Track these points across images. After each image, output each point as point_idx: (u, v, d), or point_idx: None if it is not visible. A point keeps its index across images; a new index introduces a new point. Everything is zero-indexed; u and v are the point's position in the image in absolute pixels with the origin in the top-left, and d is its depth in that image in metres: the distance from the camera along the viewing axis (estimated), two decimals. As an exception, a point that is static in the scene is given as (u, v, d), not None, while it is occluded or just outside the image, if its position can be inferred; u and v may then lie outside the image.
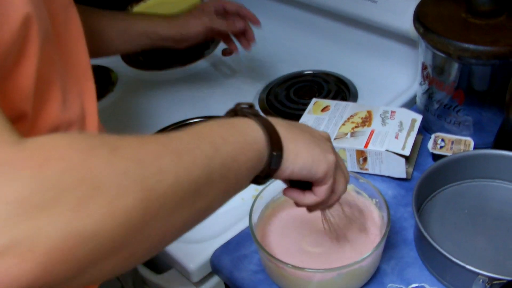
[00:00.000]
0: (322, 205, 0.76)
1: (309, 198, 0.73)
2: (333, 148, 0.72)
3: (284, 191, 0.76)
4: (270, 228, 0.91)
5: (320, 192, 0.72)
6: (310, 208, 0.78)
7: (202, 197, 0.53)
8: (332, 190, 0.73)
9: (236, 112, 0.68)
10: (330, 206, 0.79)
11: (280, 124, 0.66)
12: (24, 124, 0.64)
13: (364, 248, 0.85)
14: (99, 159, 0.43)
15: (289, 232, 0.90)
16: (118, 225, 0.43)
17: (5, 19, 0.56)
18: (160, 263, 1.00)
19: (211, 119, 0.63)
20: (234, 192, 0.60)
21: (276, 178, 0.67)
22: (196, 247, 0.93)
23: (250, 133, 0.62)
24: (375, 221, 0.89)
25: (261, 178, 0.65)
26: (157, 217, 0.47)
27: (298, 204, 0.77)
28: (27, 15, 0.58)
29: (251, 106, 0.69)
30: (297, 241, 0.89)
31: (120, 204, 0.43)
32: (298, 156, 0.66)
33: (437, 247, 0.80)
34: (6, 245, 0.37)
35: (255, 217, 0.88)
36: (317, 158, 0.68)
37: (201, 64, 1.45)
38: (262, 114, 0.67)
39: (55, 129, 0.68)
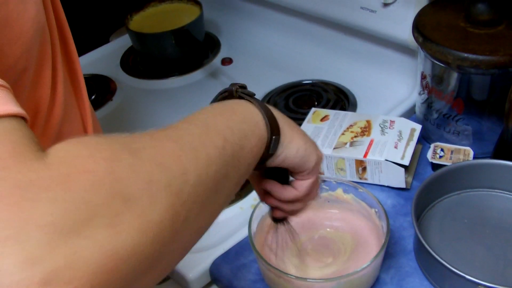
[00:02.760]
0: (295, 206, 0.73)
1: (289, 192, 0.71)
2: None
3: (263, 184, 0.72)
4: (270, 238, 0.91)
5: (302, 186, 0.70)
6: (277, 210, 0.75)
7: (221, 192, 0.52)
8: (312, 188, 0.71)
9: (232, 93, 0.66)
10: (298, 212, 0.76)
11: (274, 109, 0.65)
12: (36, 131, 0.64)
13: (363, 258, 0.85)
14: (124, 167, 0.41)
15: (289, 241, 0.90)
16: (151, 239, 0.40)
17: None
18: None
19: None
20: (243, 181, 0.59)
21: (269, 164, 0.65)
22: (195, 256, 0.93)
23: (251, 118, 0.60)
24: (375, 231, 0.89)
25: (257, 164, 0.62)
26: (185, 221, 0.45)
27: (268, 200, 0.74)
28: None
29: (244, 87, 0.67)
30: (296, 250, 0.89)
31: (152, 214, 0.41)
32: (293, 142, 0.65)
33: (437, 256, 0.80)
34: (47, 275, 0.34)
35: (254, 227, 0.88)
36: (310, 147, 0.67)
37: (200, 73, 1.45)
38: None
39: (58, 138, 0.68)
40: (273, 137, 0.62)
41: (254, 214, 0.88)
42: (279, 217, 0.78)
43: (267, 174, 0.72)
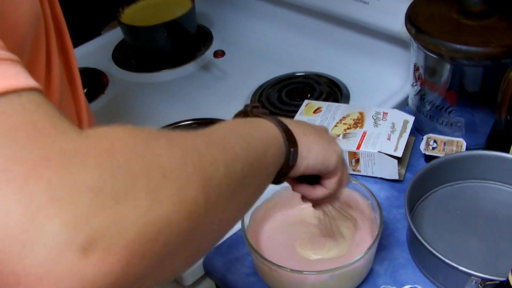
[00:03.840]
0: (329, 198, 0.77)
1: (319, 191, 0.74)
2: (335, 139, 0.73)
3: (294, 187, 0.76)
4: (263, 230, 0.91)
5: (331, 184, 0.73)
6: (317, 202, 0.79)
7: (245, 189, 0.54)
8: (340, 182, 0.74)
9: (247, 113, 0.69)
10: (336, 200, 0.80)
11: (288, 122, 0.67)
12: None
13: (357, 250, 0.85)
14: (161, 146, 0.43)
15: (282, 234, 0.90)
16: (186, 215, 0.41)
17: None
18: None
19: (205, 122, 0.63)
20: (264, 188, 0.61)
21: (292, 175, 0.67)
22: (188, 250, 0.93)
23: (270, 130, 0.63)
24: (368, 223, 0.88)
25: (279, 176, 0.65)
26: (216, 207, 0.46)
27: (305, 199, 0.78)
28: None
29: (257, 106, 0.70)
30: (290, 242, 0.89)
31: (188, 193, 0.42)
32: (311, 151, 0.67)
33: (430, 248, 0.80)
34: (91, 237, 0.35)
35: (247, 219, 0.88)
36: (328, 150, 0.69)
37: (192, 66, 1.45)
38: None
39: None
40: (291, 149, 0.64)
41: (247, 207, 0.88)
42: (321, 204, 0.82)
43: (298, 178, 0.75)
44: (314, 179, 0.74)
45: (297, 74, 1.35)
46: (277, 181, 0.66)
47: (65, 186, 0.35)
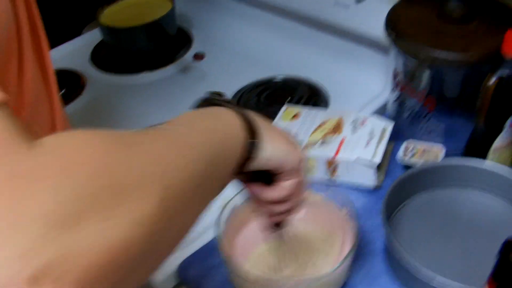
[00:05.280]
0: (283, 207, 0.73)
1: (277, 191, 0.70)
2: (299, 144, 0.71)
3: (248, 186, 0.72)
4: (239, 239, 0.89)
5: (286, 186, 0.69)
6: (270, 214, 0.75)
7: (207, 190, 0.53)
8: (297, 188, 0.70)
9: (209, 101, 0.66)
10: (289, 214, 0.75)
11: (253, 113, 0.65)
12: None
13: (333, 259, 0.84)
14: (118, 159, 0.40)
15: (258, 242, 0.89)
16: (144, 232, 0.40)
17: None
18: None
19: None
20: (226, 182, 0.60)
21: (251, 168, 0.64)
22: (162, 258, 0.91)
23: (230, 122, 0.61)
24: (345, 232, 0.87)
25: (238, 168, 0.62)
26: (175, 216, 0.45)
27: (258, 202, 0.73)
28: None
29: (220, 94, 0.69)
30: (266, 251, 0.87)
31: (145, 207, 0.40)
32: (274, 144, 0.65)
33: (407, 257, 0.79)
34: (40, 269, 0.33)
35: (222, 227, 0.86)
36: (291, 147, 0.67)
37: (172, 68, 1.43)
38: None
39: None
40: (252, 140, 0.62)
41: (222, 214, 0.87)
42: (276, 222, 0.77)
43: (252, 178, 0.71)
44: (269, 180, 0.70)
45: (277, 78, 1.33)
46: (240, 172, 0.63)
47: (14, 214, 0.33)
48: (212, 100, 0.66)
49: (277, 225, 0.78)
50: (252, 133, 0.62)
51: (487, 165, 0.94)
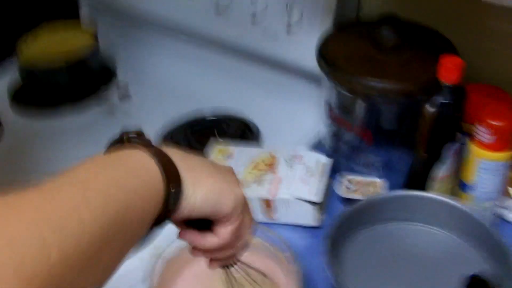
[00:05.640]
0: (224, 253, 0.66)
1: (209, 240, 0.62)
2: (239, 182, 0.63)
3: (179, 234, 0.63)
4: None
5: (224, 233, 0.61)
6: (211, 259, 0.68)
7: (110, 248, 0.46)
8: (237, 233, 0.63)
9: (123, 141, 0.58)
10: (233, 258, 0.69)
11: (175, 152, 0.57)
12: None
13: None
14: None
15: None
16: None
17: None
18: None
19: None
20: (136, 241, 0.51)
21: (175, 220, 0.57)
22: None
23: (143, 169, 0.52)
24: (289, 276, 0.82)
25: (159, 220, 0.54)
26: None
27: (196, 252, 0.66)
28: None
29: (139, 134, 0.59)
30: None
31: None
32: (199, 188, 0.56)
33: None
34: None
35: (155, 280, 0.81)
36: (223, 190, 0.59)
37: (96, 111, 1.36)
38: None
39: None
40: (172, 189, 0.54)
41: (156, 266, 0.81)
42: (220, 266, 0.71)
43: (187, 223, 0.63)
44: (205, 224, 0.62)
45: (207, 113, 1.29)
46: (157, 224, 0.55)
47: None
48: (126, 141, 0.58)
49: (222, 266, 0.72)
50: (172, 179, 0.54)
51: (429, 196, 0.91)
